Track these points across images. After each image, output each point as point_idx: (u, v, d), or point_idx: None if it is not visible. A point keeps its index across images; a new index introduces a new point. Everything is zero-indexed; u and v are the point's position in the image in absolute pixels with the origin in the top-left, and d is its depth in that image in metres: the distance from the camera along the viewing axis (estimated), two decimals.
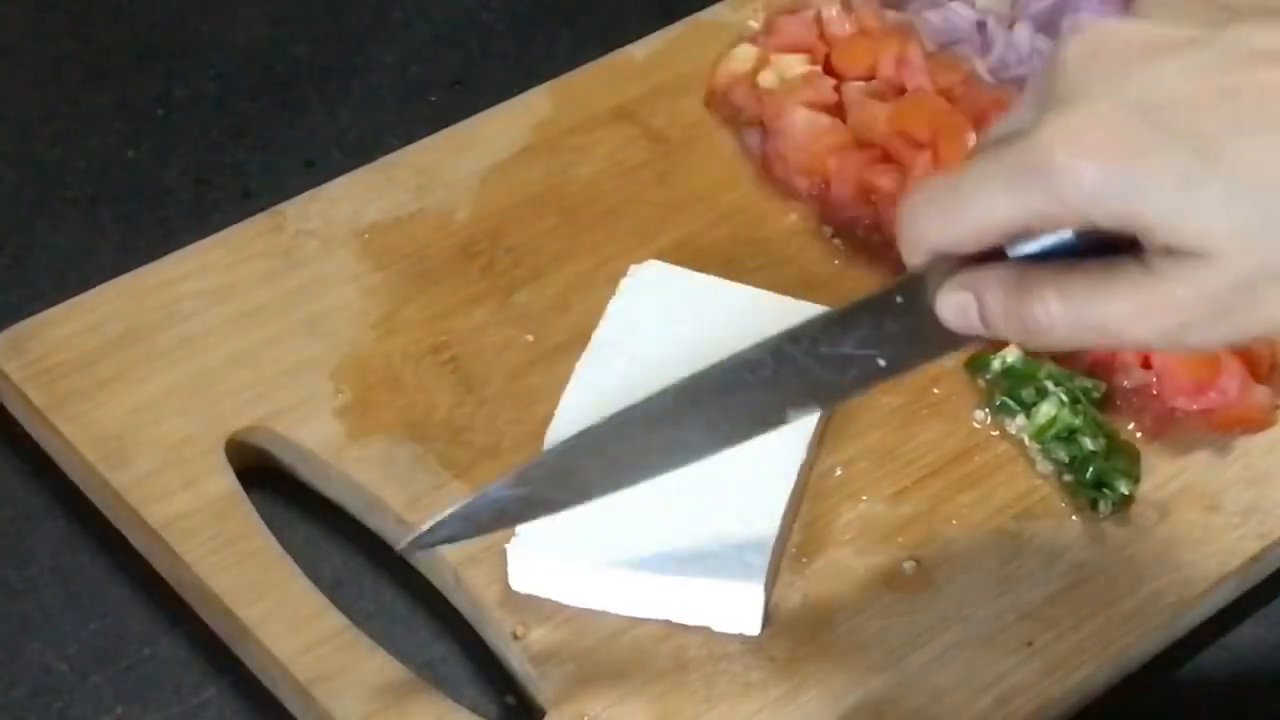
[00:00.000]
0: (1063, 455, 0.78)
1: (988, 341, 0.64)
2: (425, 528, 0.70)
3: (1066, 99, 0.58)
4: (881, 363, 0.66)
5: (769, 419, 0.69)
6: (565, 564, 0.73)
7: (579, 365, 0.79)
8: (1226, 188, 0.56)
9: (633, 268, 0.83)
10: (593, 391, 0.78)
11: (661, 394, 0.69)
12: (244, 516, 0.76)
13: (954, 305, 0.63)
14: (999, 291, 0.61)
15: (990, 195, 0.59)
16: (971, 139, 0.85)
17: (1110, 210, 0.57)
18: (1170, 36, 0.59)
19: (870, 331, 0.66)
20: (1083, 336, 0.60)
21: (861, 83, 0.91)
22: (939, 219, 0.61)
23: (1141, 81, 0.58)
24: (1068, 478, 0.78)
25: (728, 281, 0.83)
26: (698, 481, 0.70)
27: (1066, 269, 0.60)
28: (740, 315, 0.81)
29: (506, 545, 0.73)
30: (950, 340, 0.64)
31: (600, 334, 0.80)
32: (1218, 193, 0.56)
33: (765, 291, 0.82)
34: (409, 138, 0.92)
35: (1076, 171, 0.57)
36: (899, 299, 0.65)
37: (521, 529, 0.73)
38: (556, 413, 0.77)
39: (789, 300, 0.82)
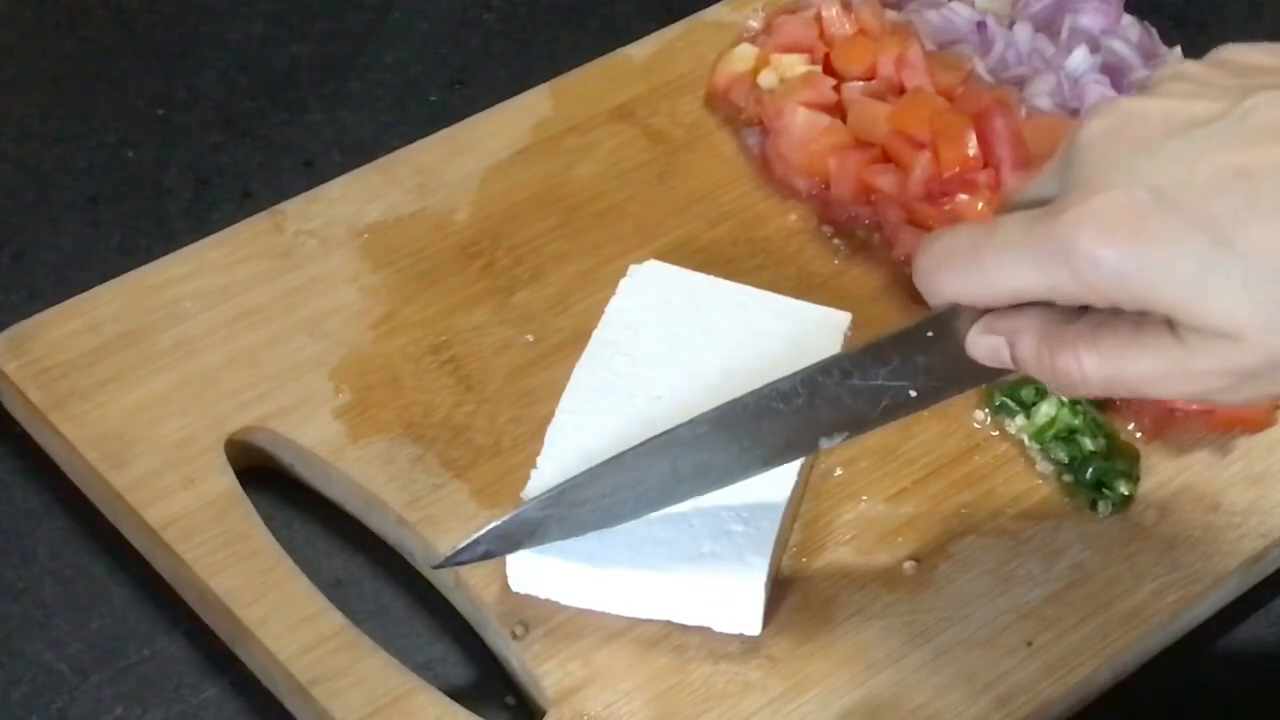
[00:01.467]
0: (1063, 455, 0.78)
1: (1018, 375, 0.65)
2: (463, 545, 0.72)
3: (1088, 180, 0.59)
4: (912, 393, 0.68)
5: (800, 446, 0.71)
6: (565, 564, 0.73)
7: (579, 365, 0.79)
8: (1244, 271, 0.57)
9: (632, 267, 0.83)
10: (593, 391, 0.78)
11: (695, 421, 0.70)
12: (244, 516, 0.76)
13: (986, 346, 0.64)
14: (1032, 339, 0.63)
15: (1013, 269, 0.61)
16: (972, 139, 0.85)
17: (1132, 293, 0.59)
18: (1186, 114, 0.59)
19: (902, 364, 0.67)
20: (1113, 389, 0.62)
21: (861, 83, 0.91)
22: (960, 278, 0.63)
23: (1159, 164, 0.59)
24: (1068, 478, 0.78)
25: (727, 281, 0.83)
26: None
27: (1099, 325, 0.61)
28: (740, 315, 0.81)
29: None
30: (981, 373, 0.66)
31: (600, 334, 0.80)
32: (1235, 276, 0.57)
33: (765, 291, 0.82)
34: (409, 138, 0.92)
35: (1098, 257, 0.58)
36: (930, 334, 0.66)
37: None
38: (556, 412, 0.77)
39: (789, 300, 0.82)
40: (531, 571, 0.73)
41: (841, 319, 0.81)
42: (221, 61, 1.00)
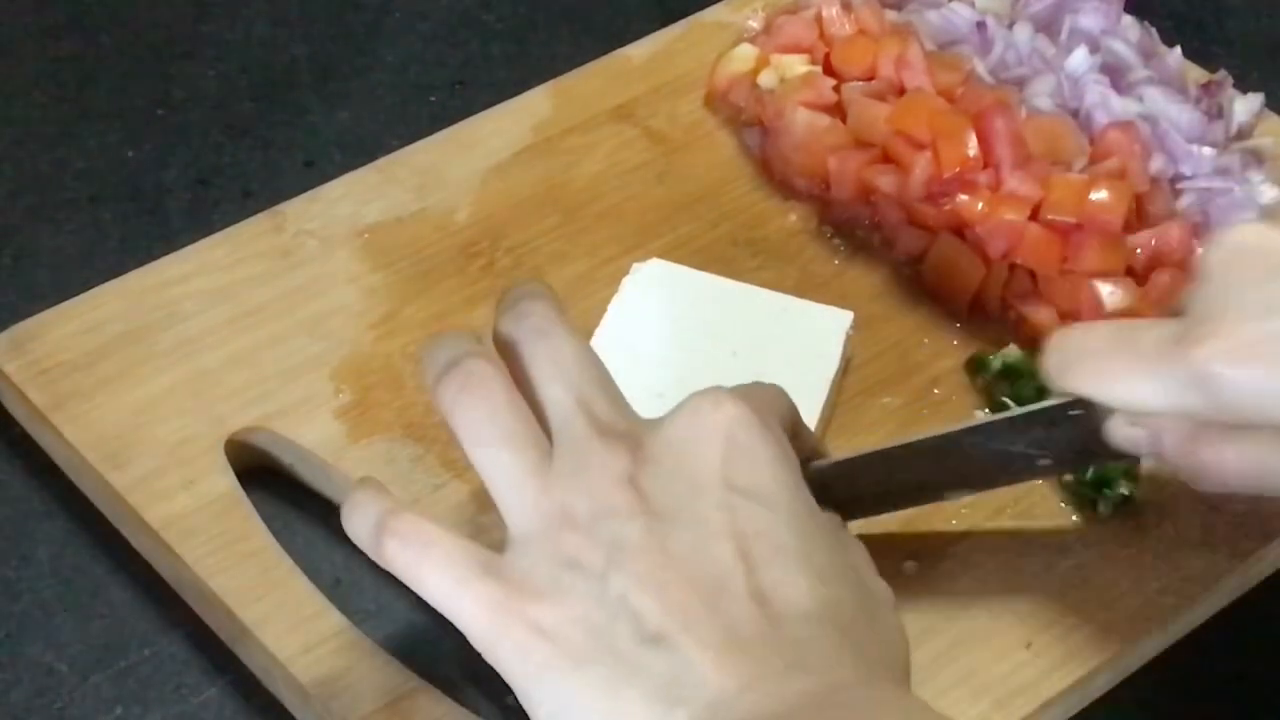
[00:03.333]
0: None
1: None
2: None
3: (1219, 307, 0.61)
4: (1044, 463, 0.69)
5: (926, 495, 0.73)
6: None
7: None
8: None
9: (635, 266, 0.83)
10: None
11: (838, 462, 0.71)
12: (244, 516, 0.76)
13: (1127, 437, 0.66)
14: (1174, 434, 0.64)
15: (1144, 386, 0.62)
16: (972, 139, 0.85)
17: (1268, 417, 0.60)
18: None
19: (1043, 435, 0.68)
20: (1257, 486, 0.63)
21: (861, 83, 0.91)
22: (1090, 382, 0.64)
23: None
24: (1068, 478, 0.78)
25: (730, 280, 0.83)
26: None
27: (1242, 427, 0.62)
28: (742, 313, 0.81)
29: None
30: (1117, 454, 0.67)
31: (602, 331, 0.80)
32: None
33: (768, 290, 0.82)
34: (409, 138, 0.92)
35: (1234, 385, 0.60)
36: (1074, 411, 0.67)
37: None
38: None
39: (791, 298, 0.82)
40: None
41: (844, 318, 0.81)
42: (221, 61, 1.00)
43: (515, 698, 0.69)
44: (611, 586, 0.58)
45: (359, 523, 0.62)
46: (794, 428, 0.67)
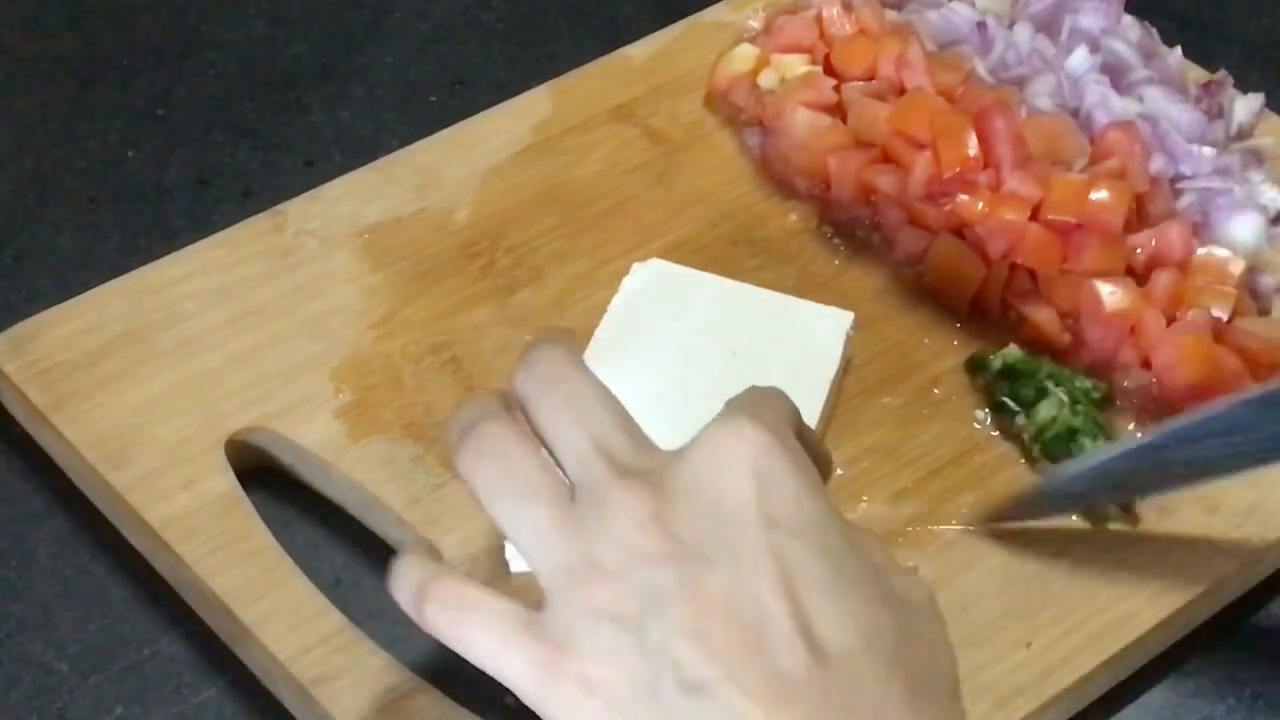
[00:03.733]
0: (1063, 455, 0.78)
1: None
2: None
3: None
4: None
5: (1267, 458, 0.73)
6: None
7: None
8: None
9: (635, 266, 0.83)
10: None
11: (1193, 421, 0.72)
12: (244, 516, 0.76)
13: None
14: None
15: None
16: (972, 139, 0.85)
17: None
18: None
19: None
20: None
21: (861, 83, 0.91)
22: None
23: None
24: None
25: (730, 280, 0.83)
26: None
27: None
28: (743, 313, 0.81)
29: (505, 541, 0.73)
30: None
31: (602, 331, 0.80)
32: None
33: (768, 290, 0.82)
34: (409, 138, 0.92)
35: None
36: None
37: None
38: None
39: (791, 298, 0.82)
40: None
41: (844, 318, 0.81)
42: (221, 61, 1.00)
43: (515, 698, 0.69)
44: (651, 636, 0.56)
45: (403, 590, 0.62)
46: (798, 431, 0.66)
